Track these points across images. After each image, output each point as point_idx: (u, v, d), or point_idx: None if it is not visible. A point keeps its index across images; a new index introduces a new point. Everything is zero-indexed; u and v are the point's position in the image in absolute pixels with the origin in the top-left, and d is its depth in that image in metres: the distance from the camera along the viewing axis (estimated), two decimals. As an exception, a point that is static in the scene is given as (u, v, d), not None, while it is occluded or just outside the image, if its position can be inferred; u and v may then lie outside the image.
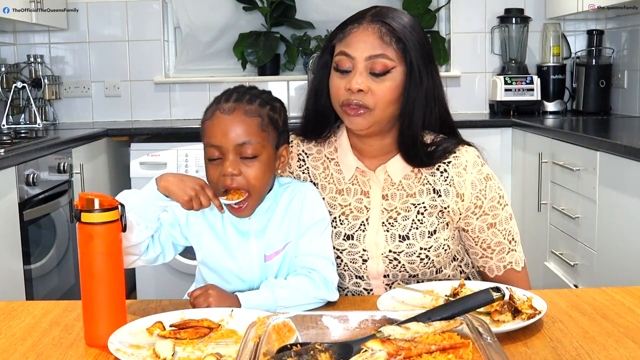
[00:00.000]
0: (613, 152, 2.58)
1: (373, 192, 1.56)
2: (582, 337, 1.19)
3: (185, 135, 3.82)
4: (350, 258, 1.55)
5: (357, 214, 1.56)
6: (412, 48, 1.46)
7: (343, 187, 1.58)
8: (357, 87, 1.45)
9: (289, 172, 1.62)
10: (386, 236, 1.53)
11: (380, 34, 1.47)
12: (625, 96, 3.94)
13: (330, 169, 1.60)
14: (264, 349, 0.95)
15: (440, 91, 1.54)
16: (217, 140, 1.40)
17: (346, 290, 1.58)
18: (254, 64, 4.31)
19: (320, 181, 1.59)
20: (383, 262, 1.53)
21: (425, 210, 1.53)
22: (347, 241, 1.55)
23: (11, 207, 2.68)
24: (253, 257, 1.46)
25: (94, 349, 1.19)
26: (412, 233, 1.53)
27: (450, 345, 0.97)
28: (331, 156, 1.61)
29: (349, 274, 1.56)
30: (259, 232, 1.46)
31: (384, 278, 1.55)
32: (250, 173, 1.40)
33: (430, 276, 1.55)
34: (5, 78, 4.03)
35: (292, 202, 1.48)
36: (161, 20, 4.36)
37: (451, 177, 1.54)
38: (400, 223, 1.53)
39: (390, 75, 1.46)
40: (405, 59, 1.47)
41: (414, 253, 1.52)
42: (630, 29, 3.90)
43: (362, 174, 1.57)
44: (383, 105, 1.47)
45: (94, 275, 1.19)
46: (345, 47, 1.48)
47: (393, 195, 1.55)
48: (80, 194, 1.20)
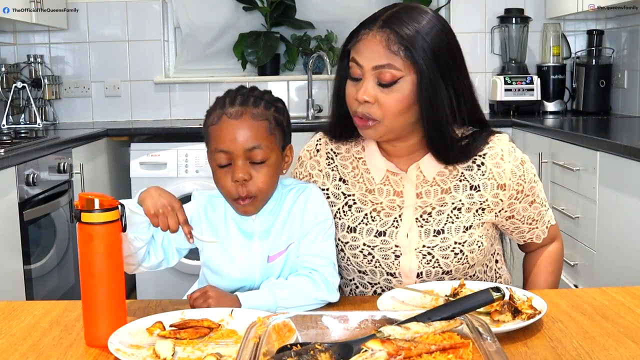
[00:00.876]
0: (613, 152, 2.58)
1: (406, 191, 1.54)
2: (582, 337, 1.19)
3: (185, 135, 3.82)
4: (383, 254, 1.52)
5: (389, 211, 1.54)
6: (422, 56, 1.41)
7: (374, 187, 1.56)
8: (363, 99, 1.44)
9: (318, 169, 1.60)
10: (420, 231, 1.51)
11: (388, 43, 1.41)
12: (625, 96, 3.94)
13: (359, 168, 1.58)
14: (264, 349, 0.95)
15: (467, 90, 1.49)
16: (226, 145, 1.39)
17: (376, 286, 1.56)
18: (254, 64, 4.31)
19: (350, 179, 1.58)
20: (417, 257, 1.51)
21: (462, 206, 1.52)
22: (378, 237, 1.53)
23: (11, 207, 2.68)
24: (256, 258, 1.46)
25: (94, 349, 1.19)
26: (447, 227, 1.51)
27: (450, 345, 0.97)
28: (359, 155, 1.59)
29: (380, 270, 1.53)
30: (263, 233, 1.46)
31: (417, 278, 1.52)
32: (259, 177, 1.40)
33: (463, 273, 1.53)
34: (5, 78, 4.03)
35: (296, 203, 1.48)
36: (161, 20, 4.36)
37: (490, 170, 1.52)
38: (435, 218, 1.52)
39: (397, 85, 1.42)
40: (414, 68, 1.42)
41: (448, 247, 1.50)
42: (630, 29, 3.90)
43: (394, 175, 1.55)
44: (391, 117, 1.44)
45: (94, 275, 1.19)
46: (355, 54, 1.46)
47: (427, 193, 1.53)
48: (80, 194, 1.20)
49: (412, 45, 1.41)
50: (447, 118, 1.46)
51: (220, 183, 1.42)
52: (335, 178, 1.59)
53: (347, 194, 1.57)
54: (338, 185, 1.58)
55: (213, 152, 1.41)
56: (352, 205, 1.56)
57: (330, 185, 1.59)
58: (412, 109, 1.45)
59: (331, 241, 1.49)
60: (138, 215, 1.32)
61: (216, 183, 1.44)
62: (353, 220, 1.54)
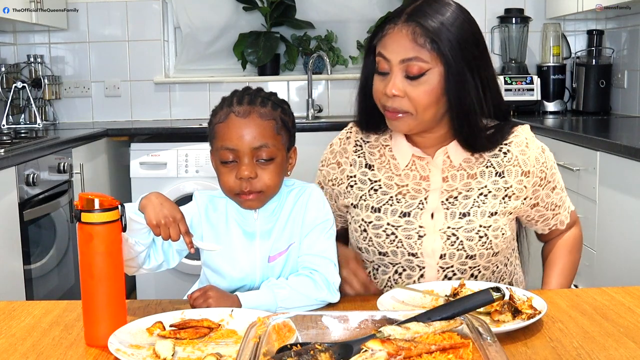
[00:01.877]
0: (613, 152, 2.58)
1: (433, 175, 1.56)
2: (582, 337, 1.19)
3: (185, 135, 3.82)
4: (406, 234, 1.53)
5: (414, 194, 1.55)
6: (447, 47, 1.43)
7: (400, 172, 1.58)
8: (392, 93, 1.46)
9: (345, 157, 1.63)
10: (446, 213, 1.52)
11: (414, 36, 1.44)
12: (625, 96, 3.94)
13: (385, 155, 1.61)
14: (264, 349, 0.95)
15: (491, 80, 1.52)
16: (233, 143, 1.39)
17: (397, 266, 1.56)
18: (254, 64, 4.31)
19: (377, 165, 1.60)
20: (440, 238, 1.51)
21: (489, 193, 1.54)
22: (403, 218, 1.54)
23: (11, 207, 2.68)
24: (257, 258, 1.46)
25: (94, 349, 1.19)
26: (473, 211, 1.52)
27: (450, 345, 0.97)
28: (386, 143, 1.62)
29: (401, 251, 1.54)
30: (264, 233, 1.46)
31: (440, 260, 1.52)
32: (265, 176, 1.40)
33: (487, 259, 1.53)
34: (5, 78, 4.03)
35: (297, 204, 1.48)
36: (161, 20, 4.36)
37: (515, 157, 1.55)
38: (461, 202, 1.53)
39: (425, 77, 1.44)
40: (441, 60, 1.44)
41: (473, 229, 1.51)
42: (630, 29, 3.90)
43: (420, 159, 1.57)
44: (421, 109, 1.46)
45: (94, 275, 1.19)
46: (382, 49, 1.48)
47: (453, 177, 1.55)
48: (80, 194, 1.20)
49: (438, 37, 1.43)
50: (475, 108, 1.48)
51: (223, 179, 1.42)
52: (362, 165, 1.61)
53: (374, 180, 1.59)
54: (365, 172, 1.61)
55: (218, 150, 1.41)
56: (378, 190, 1.58)
57: (357, 172, 1.61)
58: (440, 101, 1.47)
59: (332, 241, 1.48)
60: (138, 221, 1.32)
61: (219, 180, 1.44)
62: (378, 201, 1.56)
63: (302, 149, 1.54)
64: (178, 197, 3.65)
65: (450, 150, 1.55)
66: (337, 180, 1.64)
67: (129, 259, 1.36)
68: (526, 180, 1.55)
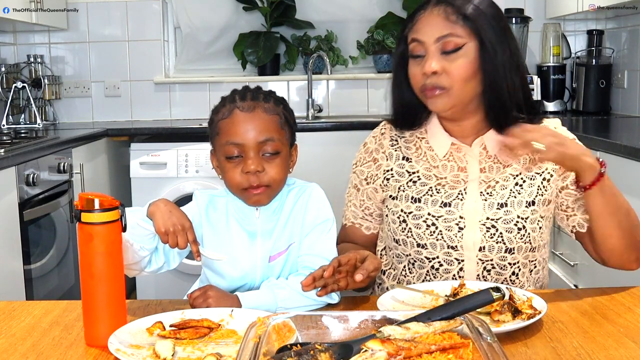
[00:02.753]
0: (613, 152, 2.58)
1: (470, 166, 1.57)
2: (582, 337, 1.19)
3: (185, 135, 3.82)
4: (446, 225, 1.53)
5: (453, 185, 1.56)
6: (480, 23, 1.48)
7: (438, 163, 1.59)
8: (430, 70, 1.48)
9: (382, 152, 1.63)
10: (484, 204, 1.54)
11: (446, 14, 1.48)
12: (625, 96, 3.94)
13: (422, 147, 1.62)
14: (264, 349, 0.95)
15: (519, 59, 1.54)
16: (239, 138, 1.40)
17: (434, 261, 1.55)
18: (254, 64, 4.31)
19: (414, 157, 1.61)
20: (480, 230, 1.52)
21: (523, 182, 1.55)
22: (443, 208, 1.54)
23: (11, 207, 2.68)
24: (257, 258, 1.45)
25: (94, 349, 1.19)
26: (510, 201, 1.53)
27: (450, 345, 0.97)
28: (421, 136, 1.63)
29: (440, 243, 1.54)
30: (266, 232, 1.46)
31: (479, 252, 1.53)
32: (272, 169, 1.41)
33: (524, 255, 1.53)
34: (5, 78, 4.03)
35: (298, 203, 1.48)
36: (161, 20, 4.36)
37: None
38: (499, 192, 1.54)
39: (462, 51, 1.48)
40: (475, 35, 1.48)
41: (511, 220, 1.52)
42: (630, 29, 3.90)
43: (457, 150, 1.58)
44: (460, 83, 1.49)
45: (94, 275, 1.19)
46: (415, 34, 1.51)
47: (490, 168, 1.57)
48: (80, 194, 1.20)
49: (470, 13, 1.48)
50: (507, 86, 1.50)
51: (228, 175, 1.42)
52: (399, 157, 1.62)
53: (411, 171, 1.60)
54: (402, 164, 1.62)
55: (223, 146, 1.42)
56: (417, 181, 1.58)
57: (393, 165, 1.62)
58: (477, 77, 1.50)
59: (332, 241, 1.48)
60: (146, 228, 1.32)
61: (224, 176, 1.44)
62: (418, 192, 1.57)
63: (302, 149, 1.54)
64: (178, 197, 3.65)
65: (486, 140, 1.56)
66: (372, 177, 1.64)
67: (132, 262, 1.36)
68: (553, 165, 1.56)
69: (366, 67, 4.45)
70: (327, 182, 1.76)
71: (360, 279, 1.34)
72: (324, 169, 3.59)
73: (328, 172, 3.63)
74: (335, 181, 2.33)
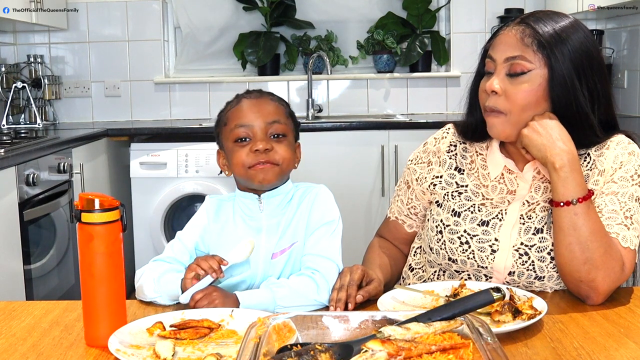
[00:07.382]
0: (613, 152, 2.57)
1: (520, 190, 1.52)
2: (583, 337, 1.19)
3: (185, 135, 3.82)
4: (480, 246, 1.49)
5: (497, 204, 1.52)
6: (555, 51, 1.41)
7: (488, 183, 1.55)
8: (491, 88, 1.45)
9: (437, 156, 1.60)
10: (520, 228, 1.48)
11: (522, 36, 1.43)
12: (625, 96, 3.94)
13: (476, 163, 1.58)
14: (264, 349, 0.95)
15: (603, 96, 1.46)
16: (248, 119, 1.45)
17: (464, 273, 1.52)
18: (254, 64, 4.31)
19: (466, 170, 1.57)
20: (512, 255, 1.47)
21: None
22: (480, 227, 1.50)
23: (11, 207, 2.68)
24: (260, 254, 1.46)
25: (94, 349, 1.19)
26: (547, 226, 1.46)
27: (450, 346, 0.97)
28: (481, 151, 1.59)
29: (471, 262, 1.50)
30: (270, 228, 1.47)
31: (508, 276, 1.48)
32: (280, 149, 1.45)
33: (555, 281, 1.48)
34: (5, 78, 4.03)
35: (304, 202, 1.49)
36: (161, 20, 4.36)
37: (593, 160, 1.48)
38: (538, 214, 1.48)
39: (526, 77, 1.43)
40: (546, 62, 1.42)
41: (545, 248, 1.46)
42: (630, 29, 3.90)
43: (509, 172, 1.53)
44: (518, 109, 1.43)
45: (94, 275, 1.19)
46: (491, 50, 1.49)
47: (537, 188, 1.50)
48: (81, 194, 1.20)
49: (546, 40, 1.42)
50: (580, 117, 1.44)
51: (236, 156, 1.46)
52: (452, 167, 1.59)
53: (461, 184, 1.56)
54: (453, 174, 1.58)
55: (232, 130, 1.46)
56: (462, 194, 1.55)
57: (444, 173, 1.59)
58: (540, 105, 1.44)
59: (337, 242, 1.48)
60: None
61: (232, 159, 1.47)
62: (460, 205, 1.54)
63: (302, 149, 1.55)
64: (178, 197, 3.66)
65: (540, 166, 1.48)
66: (422, 178, 1.61)
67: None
68: (601, 179, 1.46)
69: (366, 67, 4.45)
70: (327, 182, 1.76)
71: (360, 300, 1.37)
72: (324, 169, 3.60)
73: (328, 172, 3.63)
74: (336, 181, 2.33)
